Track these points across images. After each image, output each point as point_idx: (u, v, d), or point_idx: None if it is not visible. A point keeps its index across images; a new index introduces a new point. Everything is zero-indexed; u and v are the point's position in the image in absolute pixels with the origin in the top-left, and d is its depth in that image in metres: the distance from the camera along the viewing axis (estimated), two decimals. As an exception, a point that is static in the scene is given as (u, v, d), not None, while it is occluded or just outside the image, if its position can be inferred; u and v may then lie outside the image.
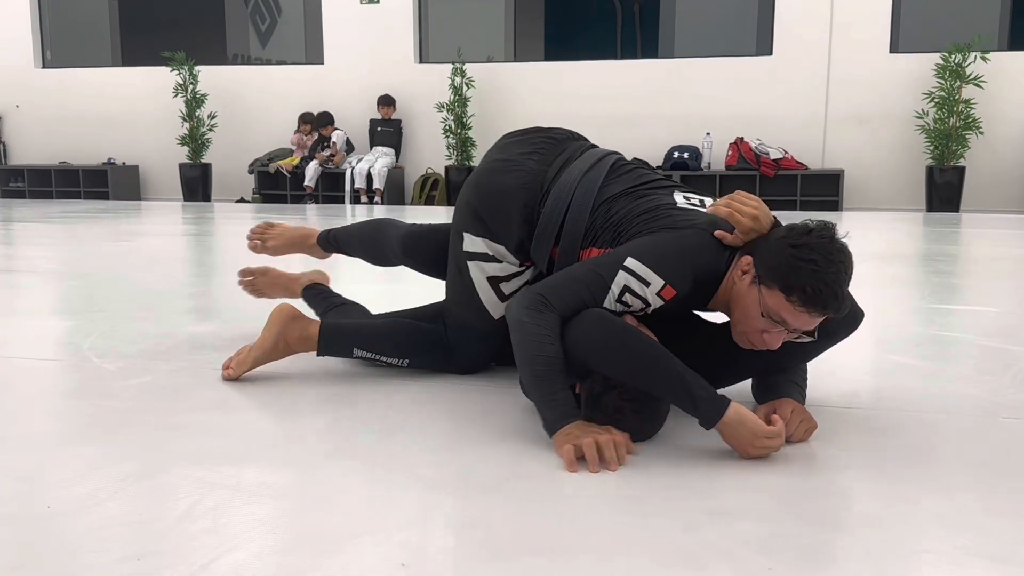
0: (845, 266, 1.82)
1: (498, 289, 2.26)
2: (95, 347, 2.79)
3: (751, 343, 1.92)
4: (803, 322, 1.84)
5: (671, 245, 1.95)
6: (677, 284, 1.91)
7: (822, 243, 1.82)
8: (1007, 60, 9.07)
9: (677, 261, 1.92)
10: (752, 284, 1.87)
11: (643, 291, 1.90)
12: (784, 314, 1.83)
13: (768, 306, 1.84)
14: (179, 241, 6.39)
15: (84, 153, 11.68)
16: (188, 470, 1.73)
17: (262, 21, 12.06)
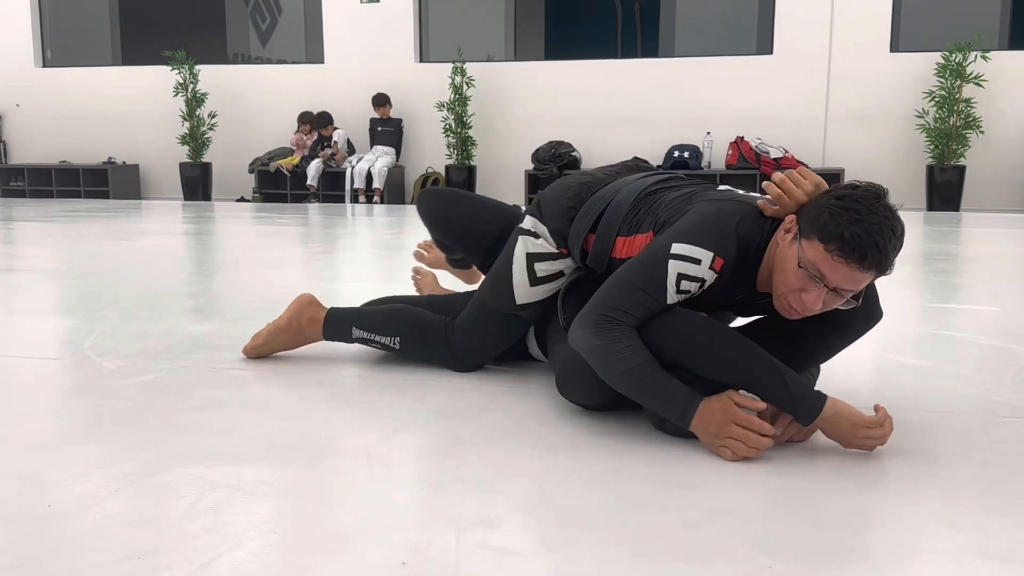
0: (891, 223, 1.74)
1: (532, 269, 2.29)
2: (95, 346, 2.80)
3: (791, 308, 1.84)
4: (842, 276, 1.75)
5: (709, 216, 1.93)
6: (724, 251, 1.87)
7: (867, 196, 1.76)
8: (1008, 59, 9.06)
9: (718, 229, 1.89)
10: (793, 240, 1.82)
11: (696, 271, 1.87)
12: (821, 266, 1.75)
13: (807, 258, 1.77)
14: (179, 240, 6.39)
15: (84, 152, 11.68)
16: (188, 469, 1.73)
17: (262, 20, 12.05)
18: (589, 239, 2.19)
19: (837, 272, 1.75)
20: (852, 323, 1.98)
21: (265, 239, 6.55)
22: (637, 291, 1.89)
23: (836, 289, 1.78)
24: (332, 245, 6.03)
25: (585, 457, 1.82)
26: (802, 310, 1.83)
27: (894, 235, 1.75)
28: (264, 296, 3.75)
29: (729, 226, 1.90)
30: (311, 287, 4.05)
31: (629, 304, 1.89)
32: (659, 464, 1.78)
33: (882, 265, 1.75)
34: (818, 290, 1.78)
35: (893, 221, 1.76)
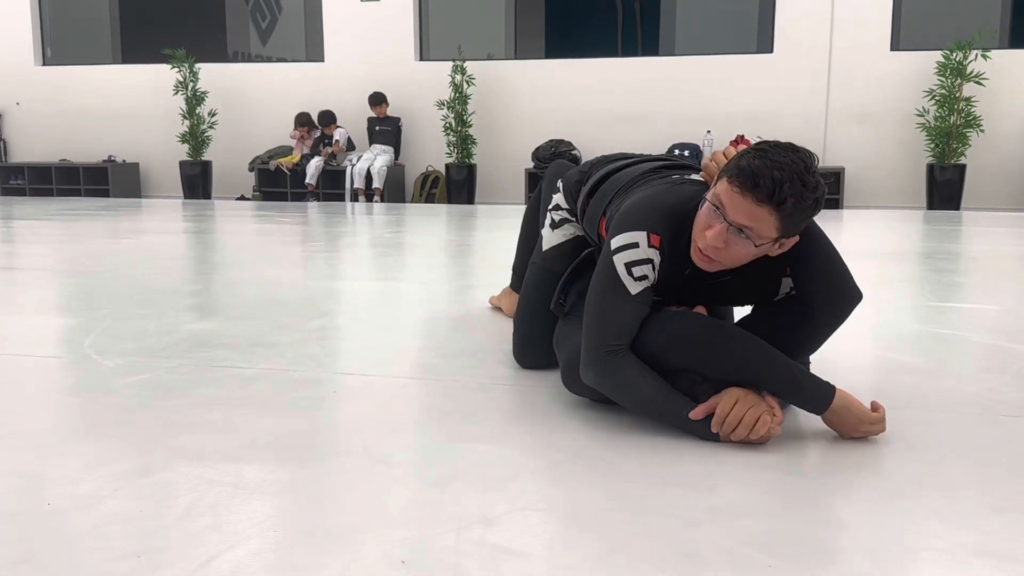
0: (798, 169, 1.75)
1: (551, 216, 2.58)
2: (95, 344, 2.80)
3: (699, 254, 1.88)
4: (739, 207, 1.76)
5: (636, 203, 2.01)
6: (654, 227, 1.92)
7: (780, 144, 1.80)
8: (1008, 58, 9.06)
9: (646, 209, 1.97)
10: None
11: (639, 253, 1.92)
12: (722, 197, 1.79)
13: (714, 192, 1.83)
14: (179, 239, 6.39)
15: (84, 150, 11.68)
16: (189, 467, 1.73)
17: (263, 19, 12.04)
18: (587, 203, 2.39)
19: (735, 202, 1.77)
20: (820, 305, 1.97)
21: (265, 237, 6.56)
22: (607, 306, 1.94)
23: (737, 225, 1.79)
24: (332, 244, 6.03)
25: (586, 455, 1.82)
26: (705, 249, 1.85)
27: (798, 179, 1.75)
28: (264, 295, 3.75)
29: (656, 203, 1.98)
30: (311, 286, 4.05)
31: (611, 325, 1.93)
32: (659, 463, 1.78)
33: (776, 197, 1.74)
34: (720, 225, 1.80)
35: (801, 169, 1.76)
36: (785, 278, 1.99)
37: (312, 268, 4.78)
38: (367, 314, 3.41)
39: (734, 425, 1.83)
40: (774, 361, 1.86)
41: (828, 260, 1.97)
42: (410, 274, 4.59)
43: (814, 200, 1.78)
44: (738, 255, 1.85)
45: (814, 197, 1.78)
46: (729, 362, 1.88)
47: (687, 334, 1.91)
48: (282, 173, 10.65)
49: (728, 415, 1.84)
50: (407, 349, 2.78)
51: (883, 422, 1.90)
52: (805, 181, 1.75)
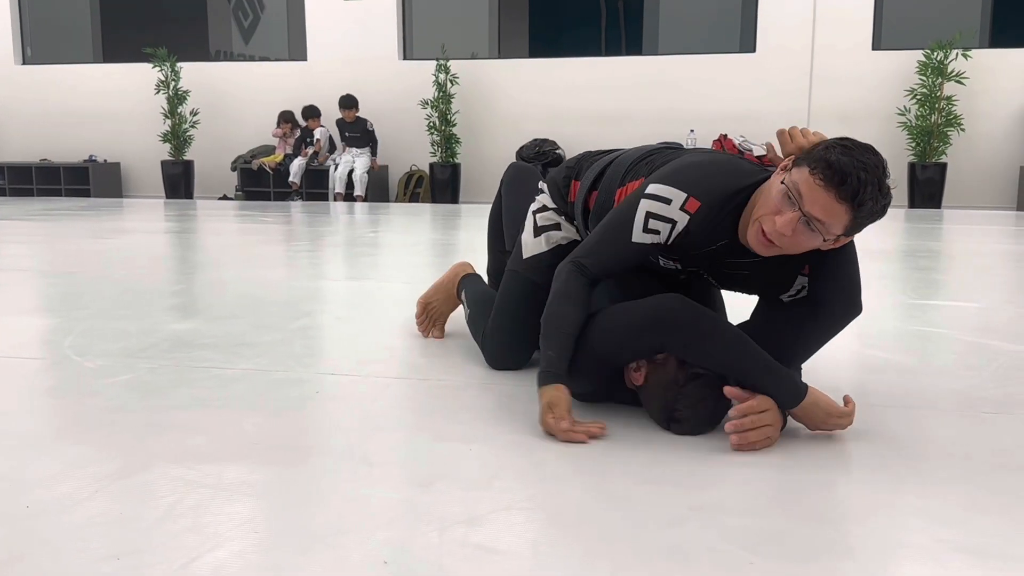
0: (879, 172, 1.74)
1: (535, 220, 2.43)
2: (75, 345, 2.77)
3: (761, 237, 1.83)
4: (818, 200, 1.73)
5: (693, 163, 1.98)
6: (700, 194, 1.89)
7: (864, 144, 1.78)
8: (988, 57, 9.13)
9: (698, 173, 1.93)
10: (783, 173, 1.83)
11: (666, 211, 1.90)
12: (802, 186, 1.75)
13: (791, 179, 1.79)
14: (161, 238, 6.35)
15: (65, 150, 11.59)
16: (169, 469, 1.72)
17: (245, 17, 11.99)
18: (592, 197, 2.26)
19: (814, 194, 1.74)
20: (829, 309, 1.96)
21: (248, 237, 6.52)
22: (609, 232, 1.98)
23: (809, 217, 1.76)
24: (315, 243, 6.00)
25: (569, 454, 1.82)
26: (770, 233, 1.81)
27: (879, 183, 1.75)
28: (246, 295, 3.73)
29: (709, 173, 1.94)
30: (294, 285, 4.04)
31: (597, 253, 1.98)
32: (643, 461, 1.78)
33: (858, 198, 1.73)
34: (792, 213, 1.77)
35: (881, 174, 1.76)
36: (801, 276, 1.97)
37: (295, 268, 4.76)
38: (350, 314, 3.40)
39: (751, 428, 1.82)
40: (753, 350, 1.86)
41: (849, 266, 1.96)
42: (394, 274, 4.58)
43: (884, 205, 1.79)
44: (801, 244, 1.83)
45: (885, 203, 1.79)
46: (709, 344, 1.87)
47: (673, 307, 1.91)
48: (265, 172, 10.60)
49: (753, 418, 1.82)
50: (390, 349, 2.77)
51: (851, 416, 1.91)
52: (883, 186, 1.76)
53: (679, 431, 1.93)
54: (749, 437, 1.82)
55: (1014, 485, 1.67)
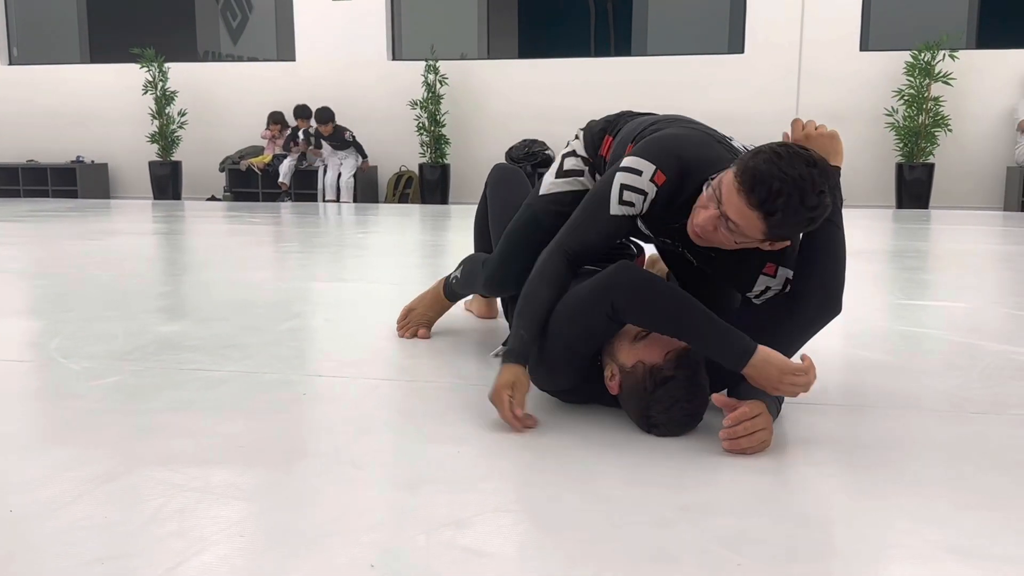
0: (804, 186, 1.72)
1: (561, 163, 2.45)
2: (62, 347, 2.76)
3: (691, 226, 1.91)
4: (732, 203, 1.78)
5: (672, 135, 2.04)
6: (666, 167, 1.96)
7: (801, 156, 1.76)
8: (975, 58, 9.17)
9: (670, 147, 2.00)
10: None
11: (638, 181, 1.97)
12: (724, 187, 1.80)
13: (719, 180, 1.84)
14: (148, 240, 6.32)
15: (52, 151, 11.53)
16: (155, 472, 1.71)
17: (233, 18, 11.95)
18: (608, 142, 2.35)
19: (731, 196, 1.79)
20: (805, 306, 1.96)
21: (236, 238, 6.50)
22: (589, 206, 2.05)
23: (726, 218, 1.81)
24: (304, 244, 5.99)
25: (556, 456, 1.82)
26: (694, 227, 1.89)
27: (799, 195, 1.73)
28: (234, 296, 3.72)
29: (682, 146, 2.00)
30: (282, 287, 4.02)
31: (578, 231, 2.04)
32: (630, 463, 1.78)
33: (767, 206, 1.74)
34: (713, 211, 1.83)
35: (806, 186, 1.73)
36: (765, 276, 1.99)
37: (283, 269, 4.74)
38: (339, 315, 3.39)
39: (744, 434, 1.81)
40: (699, 308, 1.85)
41: (833, 264, 1.97)
42: (382, 275, 4.57)
43: (809, 219, 1.78)
44: (722, 242, 1.88)
45: (809, 216, 1.77)
46: (651, 298, 1.85)
47: (616, 270, 1.91)
48: (253, 173, 10.56)
49: (745, 424, 1.81)
50: (379, 350, 2.76)
51: (809, 374, 1.82)
52: (805, 199, 1.74)
53: (659, 434, 1.93)
54: (742, 444, 1.81)
55: (1002, 485, 1.68)
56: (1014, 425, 2.03)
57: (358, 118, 10.60)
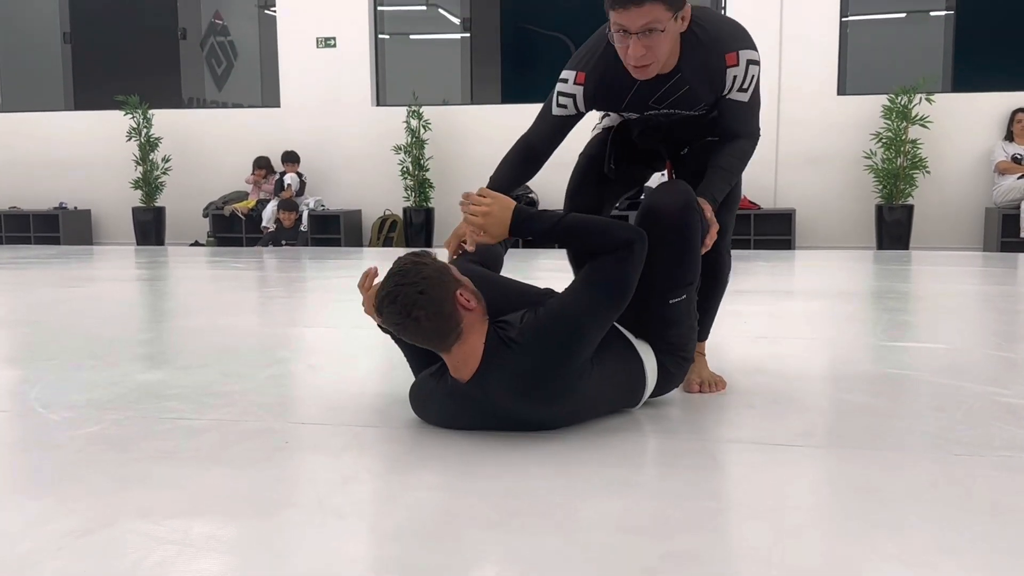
0: None
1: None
2: (41, 397, 2.73)
3: (635, 69, 2.25)
4: (618, 17, 2.15)
5: (582, 46, 2.45)
6: (580, 67, 2.40)
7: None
8: (952, 101, 9.31)
9: (581, 52, 2.43)
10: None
11: (566, 88, 2.43)
12: (614, 21, 2.17)
13: (609, 24, 2.22)
14: (130, 286, 6.29)
15: (35, 197, 11.50)
16: (134, 524, 1.69)
17: (218, 65, 12.03)
18: None
19: (623, 18, 2.15)
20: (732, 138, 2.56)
21: (219, 284, 6.48)
22: (543, 109, 2.55)
23: (639, 30, 2.16)
24: (287, 289, 5.97)
25: (543, 501, 1.81)
26: (635, 63, 2.23)
27: None
28: (217, 342, 3.69)
29: (589, 47, 2.41)
30: (266, 332, 4.00)
31: (536, 120, 2.59)
32: (616, 508, 1.77)
33: None
34: (629, 39, 2.18)
35: None
36: (730, 68, 2.35)
37: (266, 314, 4.73)
38: (321, 361, 3.37)
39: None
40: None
41: (740, 108, 2.47)
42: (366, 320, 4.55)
43: None
44: (661, 49, 2.21)
45: None
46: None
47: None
48: (237, 218, 10.56)
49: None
50: (362, 396, 2.74)
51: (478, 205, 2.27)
52: None
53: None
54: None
55: (987, 528, 1.68)
56: (999, 467, 2.03)
57: (342, 163, 10.64)
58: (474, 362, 2.13)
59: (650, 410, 2.49)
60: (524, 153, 2.56)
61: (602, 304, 2.18)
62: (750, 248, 8.92)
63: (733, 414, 2.51)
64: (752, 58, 2.38)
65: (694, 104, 2.46)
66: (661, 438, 2.31)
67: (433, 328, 2.07)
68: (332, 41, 10.78)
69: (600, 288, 2.18)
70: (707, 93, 2.42)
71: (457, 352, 2.13)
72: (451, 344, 2.11)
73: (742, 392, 2.70)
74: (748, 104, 2.45)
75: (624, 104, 2.47)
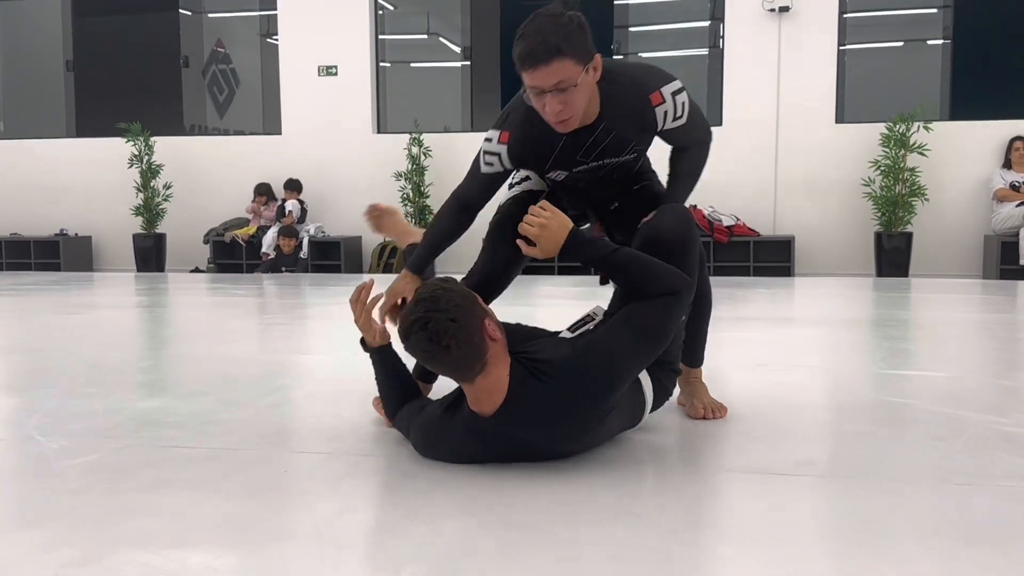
0: (541, 17, 2.14)
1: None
2: (40, 425, 2.72)
3: (556, 125, 2.27)
4: (541, 77, 2.15)
5: (507, 105, 2.47)
6: (503, 127, 2.42)
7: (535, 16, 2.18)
8: (950, 129, 9.36)
9: (505, 111, 2.46)
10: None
11: (490, 147, 2.46)
12: (527, 82, 2.19)
13: (524, 86, 2.24)
14: (130, 313, 6.29)
15: (36, 224, 11.53)
16: (132, 554, 1.68)
17: (220, 92, 12.10)
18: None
19: (534, 77, 2.17)
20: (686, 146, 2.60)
21: (218, 311, 6.48)
22: (472, 167, 2.56)
23: (551, 88, 2.17)
24: (287, 316, 5.97)
25: (543, 532, 1.80)
26: (555, 119, 2.24)
27: (552, 22, 2.12)
28: (216, 370, 3.69)
29: (506, 109, 2.45)
30: (265, 360, 4.00)
31: (465, 183, 2.60)
32: (617, 538, 1.76)
33: (526, 54, 2.13)
34: (544, 98, 2.20)
35: (545, 18, 2.13)
36: (658, 107, 2.36)
37: (266, 341, 4.73)
38: (321, 389, 3.36)
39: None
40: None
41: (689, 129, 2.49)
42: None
43: (576, 26, 2.13)
44: (577, 102, 2.22)
45: (567, 30, 2.12)
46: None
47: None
48: (238, 245, 10.58)
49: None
50: (361, 424, 2.74)
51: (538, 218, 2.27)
52: (557, 20, 2.12)
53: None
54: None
55: (988, 558, 1.67)
56: (999, 497, 2.02)
57: (343, 189, 10.69)
58: (499, 395, 2.11)
59: (649, 437, 2.48)
60: (457, 208, 2.60)
61: (641, 349, 2.18)
62: (749, 275, 8.93)
63: (733, 442, 2.50)
64: (675, 89, 2.39)
65: (623, 149, 2.47)
66: (660, 467, 2.30)
67: (462, 357, 2.04)
68: (333, 69, 10.85)
69: (643, 333, 2.16)
70: (636, 134, 2.44)
71: (481, 383, 2.10)
72: (476, 375, 2.08)
73: (742, 420, 2.69)
74: (687, 123, 2.45)
75: (550, 162, 2.47)
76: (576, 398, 2.11)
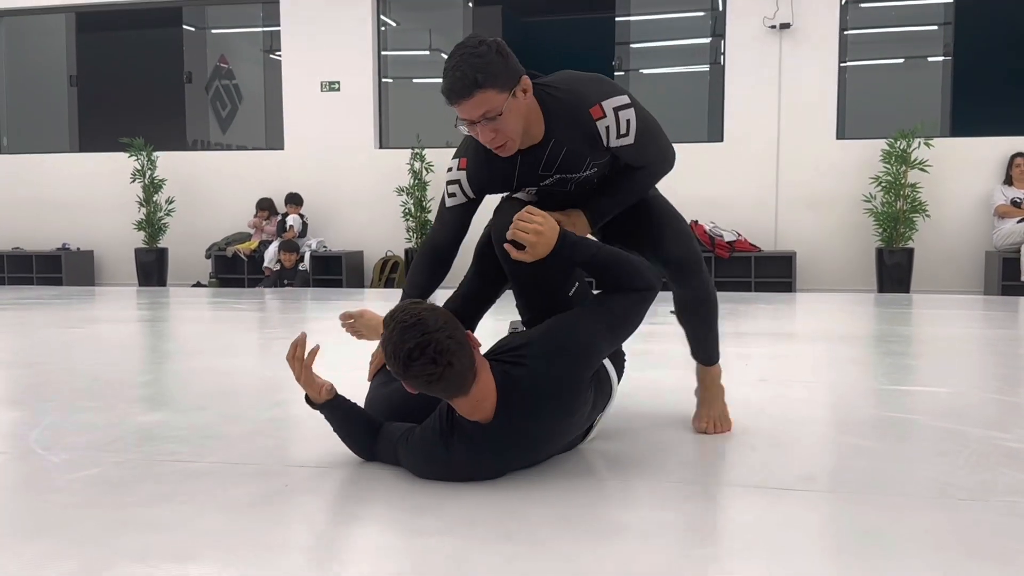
0: (463, 54, 2.15)
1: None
2: (41, 439, 2.72)
3: (497, 151, 2.31)
4: (466, 111, 2.20)
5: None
6: (460, 153, 2.47)
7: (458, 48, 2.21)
8: (950, 145, 9.38)
9: (462, 143, 2.49)
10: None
11: (451, 176, 2.48)
12: (459, 115, 2.23)
13: (456, 119, 2.28)
14: (132, 327, 6.30)
15: (38, 238, 11.55)
16: (132, 567, 1.68)
17: (223, 107, 12.14)
18: None
19: (461, 112, 2.21)
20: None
21: (220, 325, 6.48)
22: (438, 207, 2.61)
23: (480, 119, 2.21)
24: (289, 330, 5.97)
25: (544, 546, 1.79)
26: (492, 146, 2.28)
27: (470, 55, 2.14)
28: (217, 384, 3.69)
29: (461, 142, 2.48)
30: (266, 374, 4.00)
31: (435, 221, 2.61)
32: (617, 552, 1.76)
33: (463, 89, 2.15)
34: (476, 128, 2.24)
35: (467, 51, 2.16)
36: (598, 121, 2.32)
37: (268, 356, 4.72)
38: (322, 403, 3.35)
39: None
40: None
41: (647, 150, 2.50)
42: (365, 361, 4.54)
43: (495, 54, 2.15)
44: (509, 128, 2.24)
45: (484, 61, 2.14)
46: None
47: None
48: (239, 259, 10.60)
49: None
50: (362, 439, 2.73)
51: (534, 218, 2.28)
52: (475, 51, 2.14)
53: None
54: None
55: (989, 574, 1.66)
56: (1001, 512, 2.02)
57: (345, 204, 10.70)
58: (493, 396, 2.13)
59: (650, 450, 2.48)
60: (431, 256, 2.56)
61: (614, 333, 2.32)
62: (751, 290, 8.93)
63: (735, 457, 2.50)
64: (618, 104, 2.34)
65: (580, 164, 2.41)
66: (661, 480, 2.30)
67: (462, 371, 2.04)
68: (336, 85, 10.90)
69: (619, 320, 2.30)
70: (587, 150, 2.38)
71: (475, 392, 2.10)
72: (471, 385, 2.08)
73: (744, 435, 2.69)
74: (636, 144, 2.40)
75: (516, 181, 2.47)
76: (559, 368, 2.18)
